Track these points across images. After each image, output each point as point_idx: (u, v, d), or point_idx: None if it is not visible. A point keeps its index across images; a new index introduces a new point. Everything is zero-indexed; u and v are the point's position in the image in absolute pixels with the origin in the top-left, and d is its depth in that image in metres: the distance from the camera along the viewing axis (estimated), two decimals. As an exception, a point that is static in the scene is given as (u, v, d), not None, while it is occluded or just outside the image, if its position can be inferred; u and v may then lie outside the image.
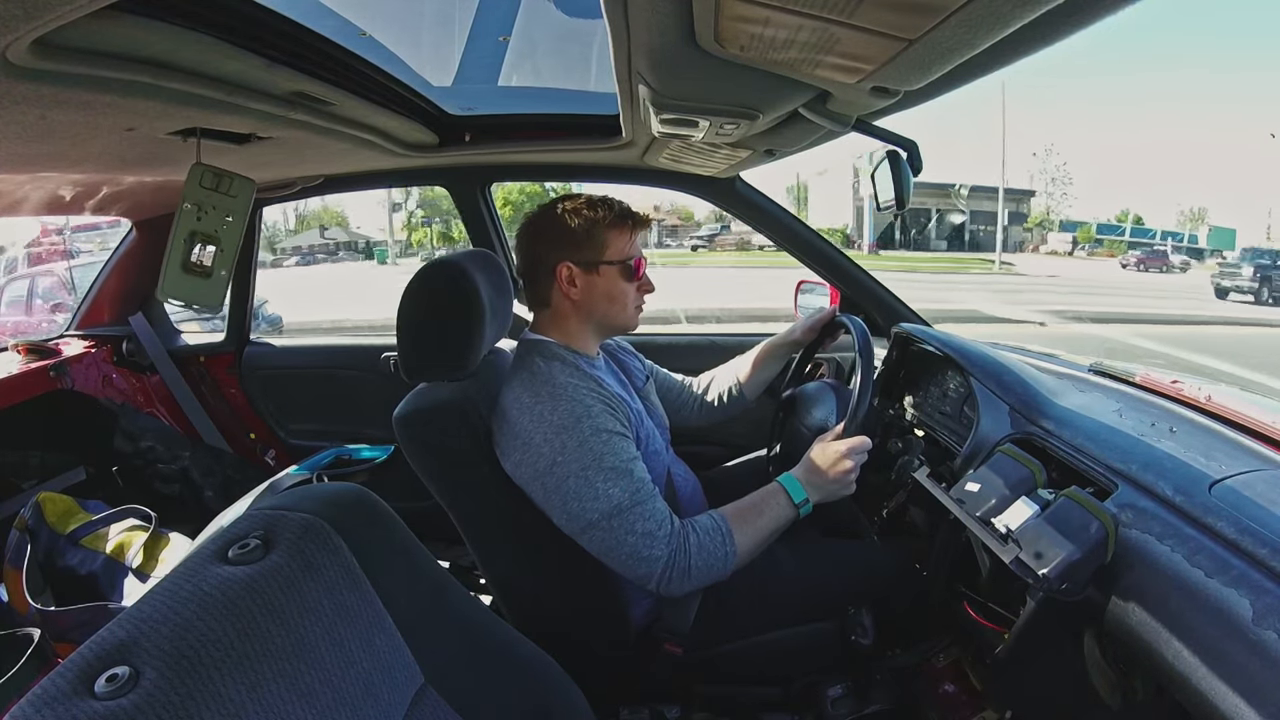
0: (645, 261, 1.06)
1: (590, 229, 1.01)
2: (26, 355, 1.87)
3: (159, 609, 0.47)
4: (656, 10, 0.60)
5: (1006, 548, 0.72)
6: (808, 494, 0.99)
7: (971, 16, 0.47)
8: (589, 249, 1.02)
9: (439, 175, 1.83)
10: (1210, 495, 0.69)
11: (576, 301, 1.03)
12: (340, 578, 0.56)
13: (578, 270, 1.02)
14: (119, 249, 2.02)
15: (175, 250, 1.16)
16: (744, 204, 1.68)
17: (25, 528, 1.50)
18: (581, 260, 1.02)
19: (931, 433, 1.19)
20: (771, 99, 0.84)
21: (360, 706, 0.52)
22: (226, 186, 1.18)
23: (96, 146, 1.06)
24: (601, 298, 1.03)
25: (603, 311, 1.05)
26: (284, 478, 1.66)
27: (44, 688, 0.41)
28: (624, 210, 1.04)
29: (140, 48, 0.73)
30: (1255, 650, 0.54)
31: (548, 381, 0.96)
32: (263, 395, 2.12)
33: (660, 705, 1.05)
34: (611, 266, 1.02)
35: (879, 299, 1.64)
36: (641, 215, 1.05)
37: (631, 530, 0.91)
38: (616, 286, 1.03)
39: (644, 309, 1.10)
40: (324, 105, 1.07)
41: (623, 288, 1.04)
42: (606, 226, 1.02)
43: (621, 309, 1.05)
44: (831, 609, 1.07)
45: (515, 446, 0.95)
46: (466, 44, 1.34)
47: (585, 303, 1.03)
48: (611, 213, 1.02)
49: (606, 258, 1.02)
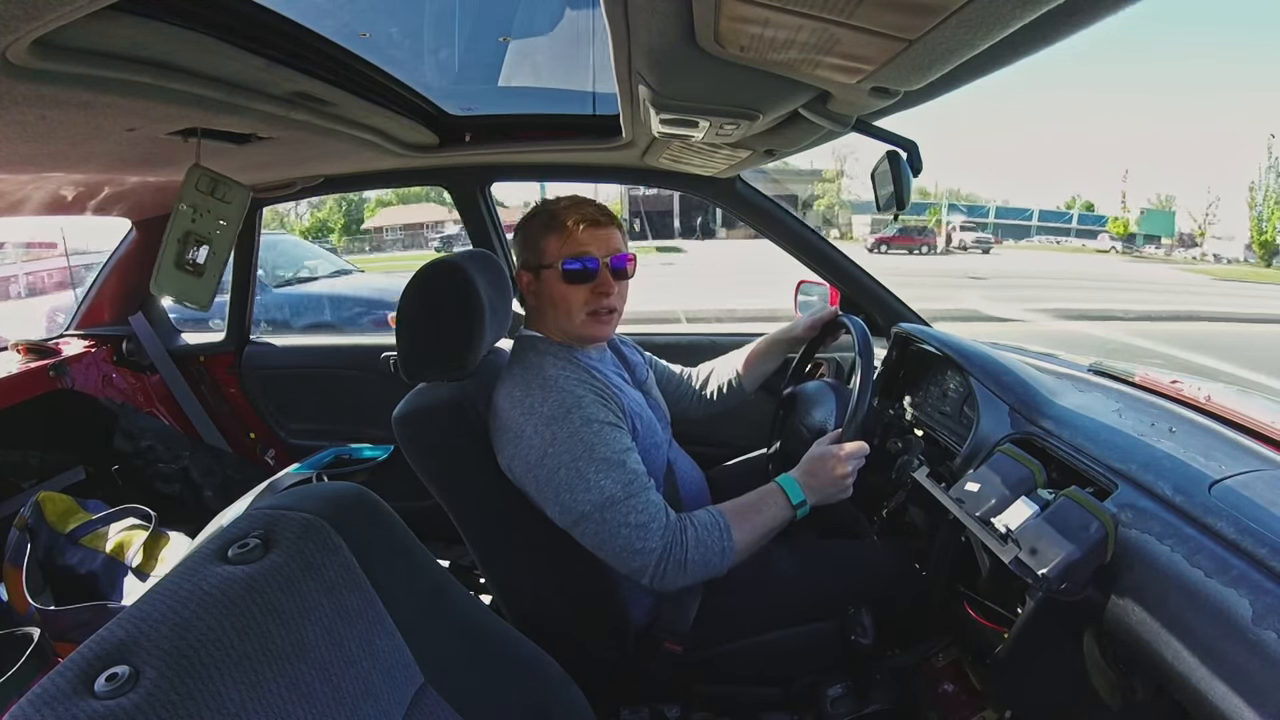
0: (604, 267, 0.99)
1: (532, 233, 1.02)
2: (26, 355, 1.87)
3: (159, 608, 0.47)
4: (656, 10, 0.60)
5: (1006, 548, 0.72)
6: (805, 496, 0.99)
7: (971, 17, 0.47)
8: (531, 252, 1.02)
9: (439, 175, 1.83)
10: (1210, 495, 0.69)
11: (534, 306, 1.05)
12: (340, 577, 0.56)
13: (529, 276, 1.03)
14: (119, 249, 2.02)
15: (169, 248, 1.17)
16: (744, 204, 1.68)
17: (25, 527, 1.51)
18: (528, 265, 1.03)
19: (931, 433, 1.19)
20: (771, 99, 0.84)
21: (360, 706, 0.52)
22: (222, 192, 1.19)
23: (97, 147, 1.06)
24: (547, 302, 1.02)
25: (551, 316, 1.02)
26: (284, 477, 1.66)
27: (44, 687, 0.41)
28: (556, 211, 1.00)
29: (140, 48, 0.73)
30: (1255, 650, 0.54)
31: (538, 374, 0.96)
32: (263, 395, 2.12)
33: (660, 705, 1.04)
34: (550, 270, 1.00)
35: (879, 299, 1.64)
36: (594, 215, 0.99)
37: (625, 522, 0.90)
38: (557, 290, 1.00)
39: (617, 315, 1.04)
40: (324, 105, 1.07)
41: (563, 291, 0.99)
42: (540, 228, 1.01)
43: (566, 314, 1.00)
44: (831, 609, 1.06)
45: (508, 440, 0.95)
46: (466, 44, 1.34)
47: (539, 306, 1.04)
48: (544, 212, 1.01)
49: (544, 261, 1.01)
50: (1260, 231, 26.63)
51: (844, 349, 1.58)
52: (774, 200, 1.70)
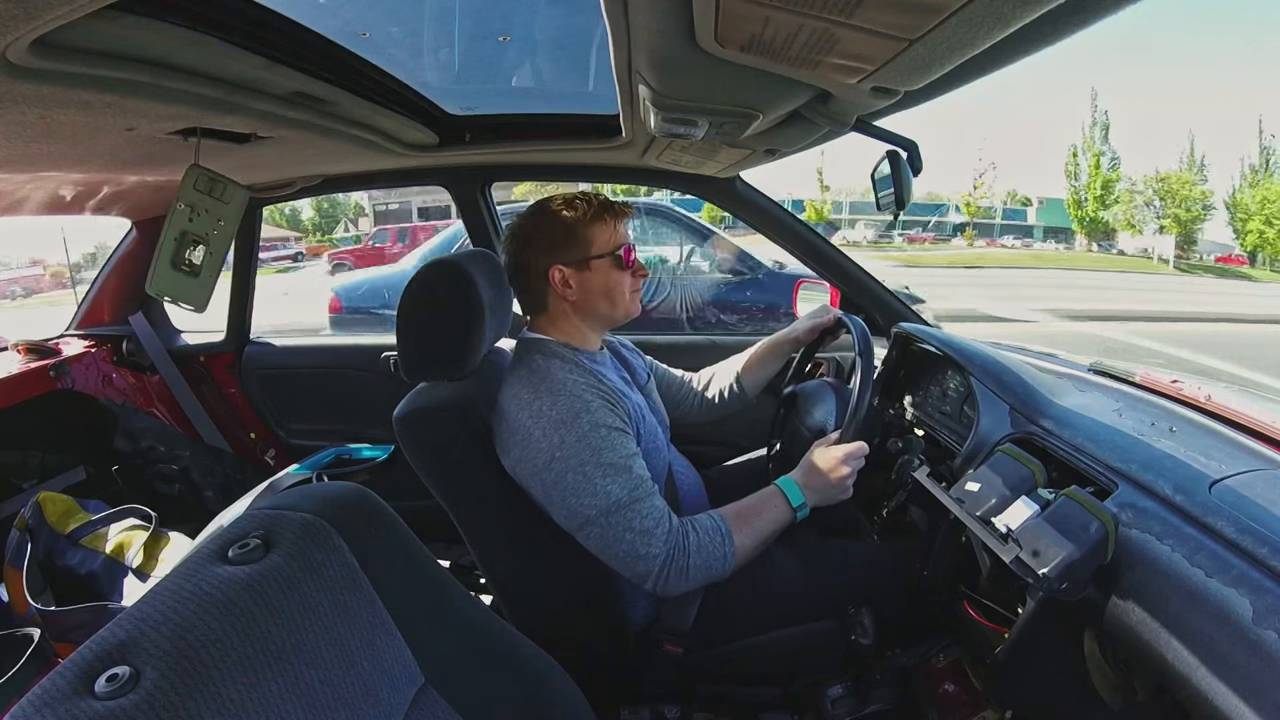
0: (634, 247, 1.07)
1: (573, 228, 1.02)
2: (26, 355, 1.87)
3: (159, 609, 0.47)
4: (656, 10, 0.60)
5: (1006, 547, 0.72)
6: (805, 498, 0.99)
7: (971, 16, 0.47)
8: (576, 248, 1.02)
9: (439, 175, 1.83)
10: (1210, 495, 0.69)
11: (575, 302, 1.04)
12: (340, 578, 0.56)
13: (569, 271, 1.02)
14: (119, 249, 2.02)
15: (166, 247, 1.17)
16: (744, 204, 1.68)
17: (25, 527, 1.50)
18: (571, 260, 1.02)
19: (931, 432, 1.19)
20: (771, 99, 0.84)
21: (360, 707, 0.52)
22: (220, 192, 1.19)
23: (97, 146, 1.06)
24: (598, 293, 1.04)
25: (602, 306, 1.05)
26: (284, 477, 1.66)
27: (44, 688, 0.41)
28: (603, 202, 1.04)
29: (140, 48, 0.73)
30: (1255, 650, 0.54)
31: (546, 377, 0.96)
32: (263, 395, 2.12)
33: (660, 705, 1.04)
34: (601, 260, 1.03)
35: (879, 299, 1.64)
36: (620, 204, 1.06)
37: (629, 527, 0.90)
38: (610, 278, 1.04)
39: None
40: (324, 105, 1.07)
41: (616, 278, 1.04)
42: (588, 222, 1.02)
43: (620, 299, 1.06)
44: (831, 609, 1.06)
45: (514, 443, 0.95)
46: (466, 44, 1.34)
47: (583, 301, 1.04)
48: (591, 207, 1.03)
49: (594, 252, 1.02)
50: (1079, 205, 22.83)
51: (844, 349, 1.58)
52: (774, 200, 1.70)
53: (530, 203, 1.09)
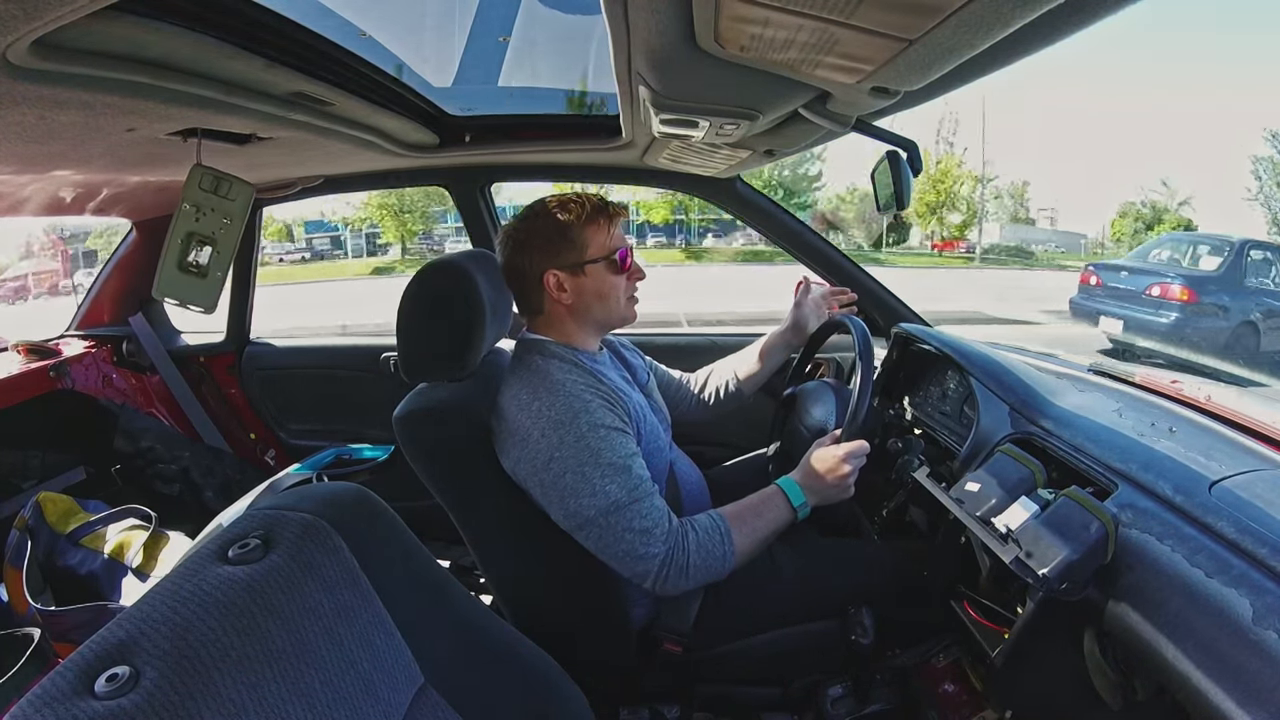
0: (632, 250, 1.06)
1: (566, 231, 1.00)
2: (27, 355, 1.87)
3: (159, 609, 0.47)
4: (656, 10, 0.60)
5: (1006, 547, 0.72)
6: (806, 498, 0.99)
7: (971, 16, 0.47)
8: (570, 251, 1.01)
9: (439, 175, 1.83)
10: (1210, 495, 0.69)
11: (570, 306, 1.03)
12: (340, 578, 0.56)
13: (564, 275, 1.01)
14: (119, 249, 2.02)
15: (172, 249, 1.16)
16: (744, 204, 1.68)
17: (25, 527, 1.50)
18: (565, 264, 1.01)
19: (931, 433, 1.19)
20: (771, 99, 0.84)
21: (360, 706, 0.52)
22: (225, 190, 1.18)
23: (97, 147, 1.06)
24: (592, 297, 1.03)
25: (597, 310, 1.04)
26: (284, 478, 1.66)
27: (44, 687, 0.41)
28: (597, 204, 1.02)
29: (140, 48, 0.73)
30: (1255, 650, 0.54)
31: (545, 378, 0.96)
32: (263, 395, 2.12)
33: (660, 705, 1.04)
34: (596, 264, 1.01)
35: (879, 299, 1.64)
36: (616, 205, 1.04)
37: (629, 527, 0.90)
38: (605, 282, 1.03)
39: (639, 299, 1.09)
40: (324, 105, 1.07)
41: (612, 282, 1.03)
42: (582, 225, 1.00)
43: (615, 304, 1.05)
44: (831, 609, 1.06)
45: (514, 443, 0.95)
46: (466, 44, 1.34)
47: (578, 305, 1.03)
48: (584, 210, 1.01)
49: (589, 256, 1.01)
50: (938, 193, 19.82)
51: (844, 349, 1.58)
52: (774, 200, 1.71)
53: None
